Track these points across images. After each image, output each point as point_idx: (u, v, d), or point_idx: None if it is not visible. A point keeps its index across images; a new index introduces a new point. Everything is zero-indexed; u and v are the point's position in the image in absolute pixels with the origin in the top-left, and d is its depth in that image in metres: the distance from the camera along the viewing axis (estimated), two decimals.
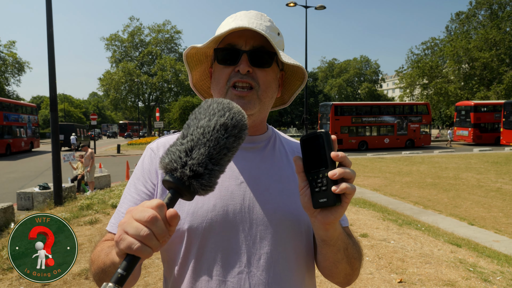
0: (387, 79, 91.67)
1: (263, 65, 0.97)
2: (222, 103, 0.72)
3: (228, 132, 0.69)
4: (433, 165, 16.49)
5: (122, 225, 0.63)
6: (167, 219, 0.62)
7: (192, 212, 0.93)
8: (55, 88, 9.36)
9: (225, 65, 0.98)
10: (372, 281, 3.87)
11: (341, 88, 68.76)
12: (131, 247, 0.60)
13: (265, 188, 0.97)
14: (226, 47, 0.98)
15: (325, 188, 0.75)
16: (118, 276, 0.60)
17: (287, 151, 1.09)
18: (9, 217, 8.06)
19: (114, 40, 60.38)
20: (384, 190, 11.13)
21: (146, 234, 0.60)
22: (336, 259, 0.91)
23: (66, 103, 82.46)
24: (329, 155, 0.75)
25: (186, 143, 0.68)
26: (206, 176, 0.67)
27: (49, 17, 9.15)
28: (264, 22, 1.00)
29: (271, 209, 0.95)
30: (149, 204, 0.63)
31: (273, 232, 0.94)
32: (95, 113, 26.96)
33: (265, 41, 0.97)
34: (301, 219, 0.97)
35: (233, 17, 1.02)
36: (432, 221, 7.37)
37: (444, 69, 44.78)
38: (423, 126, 30.05)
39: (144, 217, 0.61)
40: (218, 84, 1.00)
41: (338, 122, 28.17)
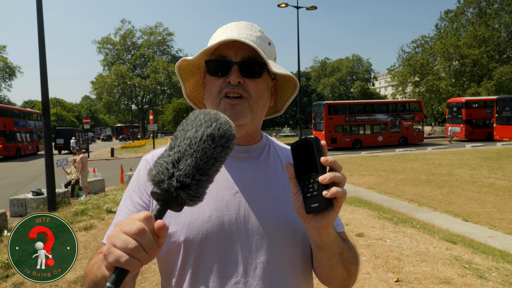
0: (379, 77, 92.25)
1: (254, 76, 0.99)
2: (209, 114, 0.73)
3: (215, 142, 0.69)
4: (426, 162, 16.62)
5: (111, 238, 0.63)
6: (155, 231, 0.62)
7: (188, 223, 0.94)
8: (47, 93, 9.27)
9: (216, 77, 1.00)
10: (369, 281, 3.88)
11: (334, 87, 68.99)
12: (119, 260, 0.60)
13: (260, 198, 0.98)
14: (216, 59, 0.99)
15: (316, 193, 0.76)
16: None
17: (282, 158, 1.09)
18: (2, 224, 7.97)
19: (106, 43, 60.00)
20: (379, 188, 11.19)
21: (134, 246, 0.60)
22: (331, 264, 0.91)
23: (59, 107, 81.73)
24: (319, 161, 0.76)
25: (173, 154, 0.68)
26: (194, 186, 0.67)
27: (40, 21, 9.06)
28: (255, 32, 1.01)
29: (266, 218, 0.96)
30: (137, 217, 0.63)
31: (268, 241, 0.95)
32: (88, 117, 26.87)
33: (255, 52, 0.98)
34: (297, 226, 0.97)
35: (224, 29, 1.03)
36: (427, 218, 7.42)
37: (435, 67, 45.20)
38: (416, 123, 30.30)
39: (132, 230, 0.61)
40: (210, 95, 1.01)
41: (332, 121, 28.28)
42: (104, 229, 6.59)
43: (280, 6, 21.09)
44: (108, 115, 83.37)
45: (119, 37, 59.87)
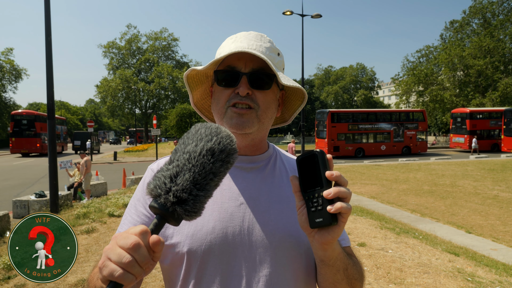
0: (383, 86, 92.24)
1: (263, 87, 0.99)
2: (210, 128, 0.72)
3: (215, 157, 0.69)
4: (429, 172, 16.54)
5: (106, 252, 0.63)
6: (150, 246, 0.62)
7: (192, 234, 0.93)
8: (53, 96, 9.34)
9: (225, 87, 0.99)
10: None
11: (337, 95, 69.08)
12: (113, 274, 0.60)
13: (264, 210, 0.97)
14: (225, 69, 0.99)
15: (320, 207, 0.75)
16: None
17: (288, 170, 1.08)
18: (5, 225, 7.99)
19: (111, 48, 60.47)
20: (381, 198, 11.13)
21: (128, 261, 0.60)
22: (335, 279, 0.90)
23: (63, 109, 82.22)
24: (324, 175, 0.75)
25: (172, 168, 0.68)
26: (191, 202, 0.67)
27: (48, 25, 9.16)
28: (264, 43, 1.02)
29: (270, 231, 0.95)
30: (133, 231, 0.63)
31: (272, 254, 0.94)
32: (91, 120, 27.04)
33: (264, 63, 0.98)
34: (301, 240, 0.96)
35: (233, 39, 1.03)
36: (429, 229, 7.38)
37: (439, 76, 45.18)
38: (420, 133, 30.22)
39: (127, 244, 0.61)
40: (217, 105, 1.01)
41: (335, 129, 28.26)
42: (105, 233, 6.60)
43: (285, 14, 21.21)
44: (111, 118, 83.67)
45: (125, 41, 60.35)
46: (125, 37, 60.53)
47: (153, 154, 32.86)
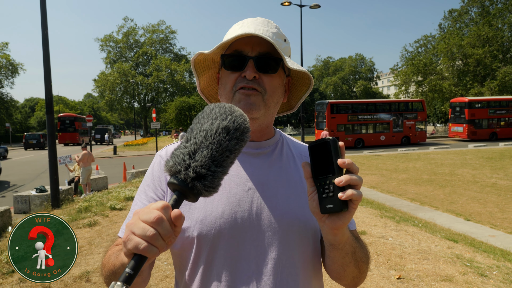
0: (382, 76, 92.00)
1: (269, 71, 0.99)
2: (224, 107, 0.74)
3: (230, 134, 0.71)
4: (429, 162, 16.61)
5: (129, 226, 0.66)
6: (172, 220, 0.65)
7: (202, 219, 0.95)
8: (51, 91, 9.31)
9: (231, 71, 1.00)
10: (371, 278, 3.92)
11: (336, 86, 68.93)
12: (138, 247, 0.63)
13: (272, 194, 0.99)
14: (232, 53, 1.00)
15: (332, 194, 0.76)
16: (126, 275, 0.62)
17: (295, 155, 1.10)
18: (6, 220, 8.03)
19: (108, 41, 60.05)
20: (381, 187, 11.20)
21: (152, 234, 0.62)
22: (344, 262, 0.92)
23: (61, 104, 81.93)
24: (336, 162, 0.76)
25: (190, 146, 0.70)
26: (209, 177, 0.69)
27: (44, 19, 9.10)
28: (271, 28, 1.02)
29: (278, 215, 0.97)
30: (155, 206, 0.65)
31: (280, 237, 0.96)
32: (90, 115, 27.02)
33: (271, 47, 0.98)
34: (308, 224, 0.99)
35: (240, 24, 1.04)
36: (429, 217, 7.44)
37: (438, 66, 45.05)
38: (419, 123, 30.22)
39: (150, 218, 0.63)
40: (225, 89, 1.02)
41: (334, 120, 28.27)
42: (107, 226, 6.65)
43: (284, 5, 21.06)
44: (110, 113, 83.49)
45: (122, 35, 59.91)
46: (122, 30, 60.08)
47: (153, 147, 32.89)
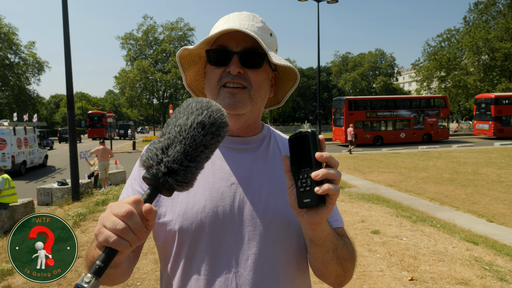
0: (403, 72, 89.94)
1: (254, 66, 0.98)
2: (201, 102, 0.74)
3: (206, 129, 0.71)
4: (451, 160, 16.13)
5: (102, 219, 0.67)
6: (143, 214, 0.65)
7: (183, 213, 0.95)
8: (72, 87, 9.57)
9: (216, 66, 0.99)
10: (382, 278, 3.81)
11: (355, 82, 67.79)
12: (108, 240, 0.63)
13: (256, 190, 0.98)
14: (217, 49, 0.99)
15: (309, 188, 0.75)
16: (96, 268, 0.63)
17: (282, 150, 1.08)
18: (29, 211, 8.33)
19: (128, 39, 60.99)
20: (399, 186, 10.96)
21: (122, 228, 0.63)
22: (325, 259, 0.91)
23: (84, 101, 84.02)
24: (313, 156, 0.75)
25: (163, 141, 0.70)
26: (181, 172, 0.69)
27: (65, 17, 9.32)
28: (256, 23, 1.02)
29: (260, 210, 0.96)
30: (127, 200, 0.66)
31: (262, 233, 0.95)
32: (111, 111, 27.61)
33: (256, 42, 0.97)
34: (292, 220, 0.97)
35: (226, 19, 1.04)
36: (448, 217, 7.22)
37: (462, 61, 43.63)
38: (441, 119, 29.38)
39: (121, 212, 0.64)
40: (210, 85, 1.01)
41: (352, 116, 27.80)
42: None
43: (300, 0, 20.85)
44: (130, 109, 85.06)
45: (142, 32, 60.74)
46: (141, 28, 60.90)
47: None
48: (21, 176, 15.69)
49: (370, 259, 4.33)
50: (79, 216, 6.96)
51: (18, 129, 16.31)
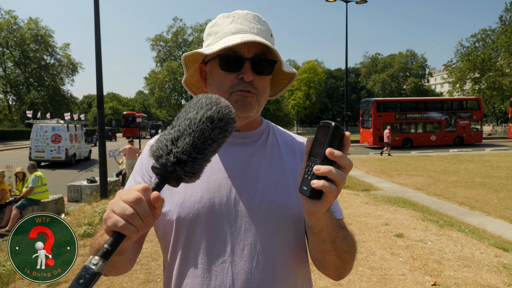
0: (434, 73, 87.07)
1: (264, 73, 1.01)
2: (210, 98, 0.77)
3: (214, 124, 0.74)
4: (483, 164, 15.49)
5: (111, 205, 0.70)
6: (151, 201, 0.68)
7: (181, 203, 0.98)
8: (102, 87, 9.90)
9: (228, 72, 0.99)
10: (403, 283, 3.72)
11: (385, 84, 66.28)
12: (116, 224, 0.66)
13: (253, 181, 0.99)
14: (229, 54, 0.98)
15: (310, 178, 0.76)
16: (104, 251, 0.66)
17: (280, 143, 1.09)
18: (60, 207, 8.67)
19: (158, 41, 62.40)
20: (427, 190, 10.64)
21: (130, 213, 0.66)
22: (322, 249, 0.92)
23: (115, 101, 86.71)
24: (325, 150, 0.74)
25: (173, 133, 0.73)
26: (189, 163, 0.72)
27: (97, 20, 9.67)
28: (263, 26, 1.04)
29: (257, 201, 0.97)
30: (136, 187, 0.69)
31: (258, 224, 0.96)
32: (140, 111, 28.52)
33: (265, 47, 0.99)
34: (288, 211, 0.98)
35: (231, 18, 1.03)
36: (478, 223, 6.95)
37: (498, 62, 41.74)
38: (474, 122, 28.25)
39: (130, 198, 0.67)
40: (220, 89, 1.01)
41: (381, 118, 27.21)
42: None
43: (329, 1, 20.66)
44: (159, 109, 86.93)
45: (171, 34, 61.97)
46: (171, 30, 62.13)
47: None
48: (72, 166, 18.37)
49: (392, 263, 4.24)
50: None
51: (70, 127, 19.00)
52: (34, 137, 17.96)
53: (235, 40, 0.94)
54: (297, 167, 1.05)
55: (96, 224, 6.37)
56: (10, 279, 4.05)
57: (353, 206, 7.19)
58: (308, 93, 58.06)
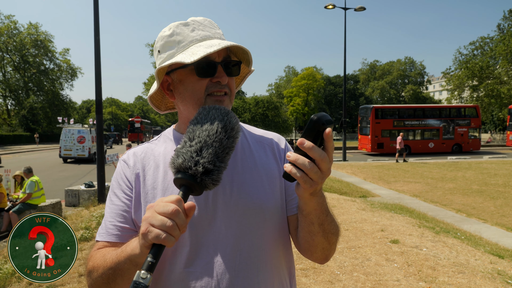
0: (433, 81, 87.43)
1: (234, 74, 1.06)
2: (219, 109, 0.84)
3: (228, 133, 0.81)
4: (480, 171, 15.53)
5: (147, 219, 0.74)
6: (186, 211, 0.74)
7: None
8: (101, 92, 9.93)
9: (201, 77, 1.01)
10: None
11: (383, 91, 66.50)
12: (158, 237, 0.71)
13: (227, 182, 1.02)
14: (204, 61, 0.99)
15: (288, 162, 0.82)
16: (149, 264, 0.69)
17: (250, 142, 1.13)
18: (57, 212, 8.67)
19: None
20: (424, 196, 10.67)
21: (170, 225, 0.71)
22: (310, 230, 0.96)
23: (114, 106, 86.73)
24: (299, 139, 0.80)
25: (195, 144, 0.79)
26: (215, 172, 0.78)
27: (96, 25, 9.73)
28: (219, 30, 1.10)
29: (233, 201, 1.01)
30: (168, 199, 0.73)
31: (237, 222, 1.00)
32: (138, 116, 29.02)
33: (228, 50, 1.06)
34: (264, 206, 1.02)
35: (191, 26, 1.05)
36: (474, 230, 6.97)
37: (496, 70, 42.01)
38: (472, 130, 28.36)
39: (168, 211, 0.71)
40: (194, 95, 1.02)
41: (379, 125, 27.31)
42: None
43: (327, 8, 20.82)
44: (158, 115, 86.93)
45: None
46: None
47: None
48: (93, 162, 21.35)
49: (387, 268, 4.25)
50: (102, 217, 7.16)
51: (92, 130, 22.96)
52: (63, 138, 22.31)
53: (211, 46, 0.97)
54: (268, 162, 1.09)
55: (93, 229, 6.37)
56: (7, 282, 4.04)
57: (349, 212, 7.20)
58: (306, 99, 58.20)
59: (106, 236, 1.03)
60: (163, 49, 1.05)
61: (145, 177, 1.04)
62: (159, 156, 1.07)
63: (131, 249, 0.84)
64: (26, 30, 48.72)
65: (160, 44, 1.06)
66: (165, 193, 1.01)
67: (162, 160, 1.06)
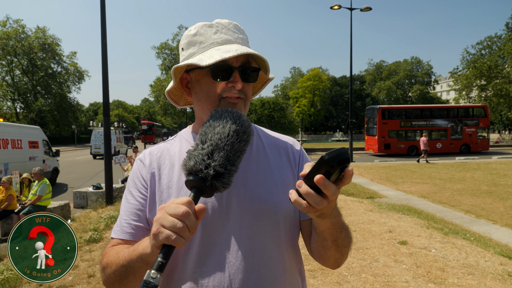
0: (440, 80, 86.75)
1: (250, 80, 1.06)
2: (232, 113, 0.84)
3: (239, 137, 0.81)
4: (489, 172, 15.36)
5: (158, 220, 0.74)
6: (196, 213, 0.74)
7: None
8: (108, 94, 10.01)
9: (217, 80, 1.02)
10: None
11: (390, 91, 66.13)
12: (169, 238, 0.71)
13: (241, 183, 1.03)
14: (220, 65, 1.00)
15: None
16: (159, 264, 0.70)
17: (265, 145, 1.13)
18: (66, 214, 8.74)
19: (164, 49, 62.90)
20: (432, 197, 10.58)
21: (181, 226, 0.72)
22: (323, 245, 0.98)
23: (121, 108, 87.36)
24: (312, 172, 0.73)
25: (207, 147, 0.79)
26: (226, 175, 0.78)
27: (103, 28, 9.82)
28: (243, 35, 1.10)
29: (247, 202, 1.01)
30: (179, 201, 0.74)
31: (250, 223, 1.00)
32: (145, 118, 29.68)
33: (249, 56, 1.05)
34: (278, 208, 1.03)
35: (215, 28, 1.07)
36: (484, 231, 6.89)
37: (504, 69, 41.54)
38: (480, 130, 28.06)
39: (179, 212, 0.72)
40: (209, 97, 1.03)
41: (386, 126, 27.15)
42: None
43: (333, 8, 20.77)
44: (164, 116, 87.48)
45: (176, 42, 62.44)
46: (176, 38, 62.67)
47: None
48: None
49: (396, 270, 4.22)
50: (110, 219, 7.26)
51: (117, 131, 27.11)
52: (93, 138, 27.16)
53: (229, 51, 0.97)
54: (282, 165, 1.10)
55: (102, 230, 6.41)
56: (18, 283, 4.09)
57: (357, 213, 7.17)
58: (312, 100, 58.07)
59: (120, 234, 1.05)
60: (186, 47, 1.08)
61: (161, 176, 1.06)
62: (175, 155, 1.09)
63: (143, 248, 0.85)
64: (34, 34, 49.27)
65: (184, 42, 1.10)
66: (180, 193, 1.02)
67: (177, 159, 1.08)
